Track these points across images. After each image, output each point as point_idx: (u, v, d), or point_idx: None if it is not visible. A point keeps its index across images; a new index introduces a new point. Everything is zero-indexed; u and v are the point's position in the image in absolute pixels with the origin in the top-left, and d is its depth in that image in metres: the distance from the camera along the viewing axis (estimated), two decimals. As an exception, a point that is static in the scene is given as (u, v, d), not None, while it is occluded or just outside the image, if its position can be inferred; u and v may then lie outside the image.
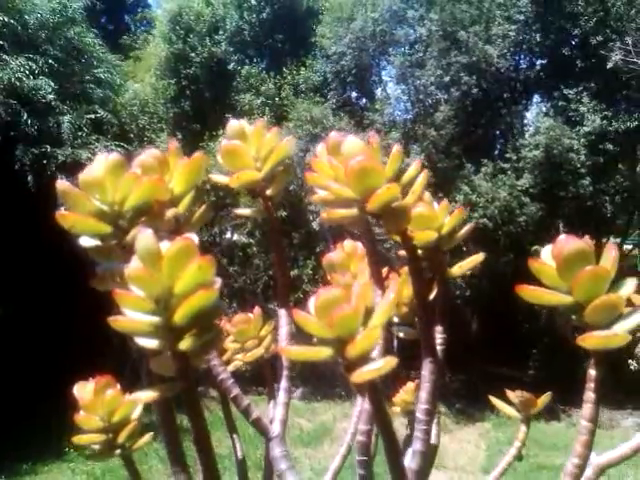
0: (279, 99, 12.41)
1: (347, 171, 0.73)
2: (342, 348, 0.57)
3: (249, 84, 12.74)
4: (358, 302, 0.58)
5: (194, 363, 0.67)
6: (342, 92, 12.52)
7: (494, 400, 1.09)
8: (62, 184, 0.75)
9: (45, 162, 9.09)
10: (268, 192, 1.05)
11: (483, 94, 10.77)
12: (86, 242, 0.78)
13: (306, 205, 9.79)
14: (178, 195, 0.95)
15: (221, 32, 13.33)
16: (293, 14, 13.66)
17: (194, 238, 0.68)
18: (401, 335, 1.14)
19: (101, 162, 0.77)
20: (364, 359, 0.57)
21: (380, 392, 0.61)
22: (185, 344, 0.64)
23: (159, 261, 0.63)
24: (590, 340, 0.60)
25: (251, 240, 11.25)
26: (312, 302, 0.60)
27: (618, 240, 12.27)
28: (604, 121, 9.74)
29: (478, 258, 0.98)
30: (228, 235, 11.96)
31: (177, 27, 12.94)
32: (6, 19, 9.62)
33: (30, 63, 9.60)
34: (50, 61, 10.03)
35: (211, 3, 13.52)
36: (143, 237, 0.64)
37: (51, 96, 9.61)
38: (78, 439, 0.98)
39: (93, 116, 10.49)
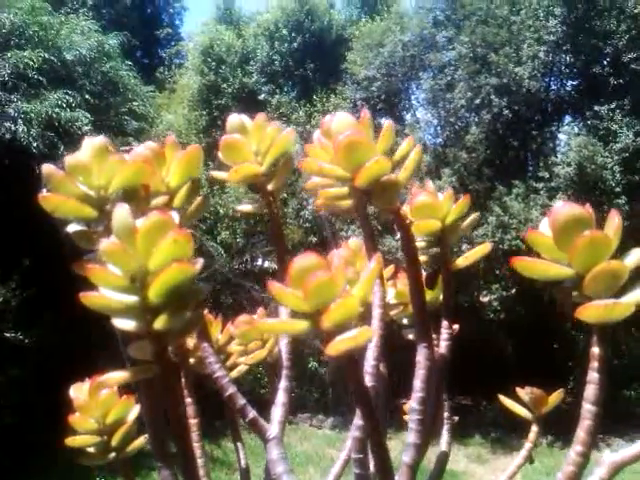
0: (310, 126, 12.50)
1: (336, 147, 0.70)
2: (318, 319, 0.53)
3: (280, 113, 12.88)
4: (337, 271, 0.54)
5: (172, 345, 0.64)
6: (372, 118, 12.55)
7: (504, 400, 1.03)
8: (47, 167, 0.74)
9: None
10: (269, 187, 1.02)
11: (514, 116, 10.67)
12: (72, 229, 0.76)
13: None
14: (174, 188, 0.93)
15: (252, 63, 13.57)
16: (323, 43, 13.84)
17: (173, 214, 0.66)
18: (410, 337, 1.09)
19: (87, 146, 0.76)
20: (341, 330, 0.53)
21: (359, 365, 0.57)
22: (160, 323, 0.61)
23: (134, 236, 0.61)
24: (589, 311, 0.55)
25: (282, 266, 11.24)
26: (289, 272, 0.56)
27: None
28: (638, 137, 9.55)
29: (485, 249, 0.93)
30: (259, 262, 12.00)
31: (209, 59, 13.22)
32: (46, 56, 9.97)
33: (67, 97, 9.90)
34: (86, 95, 10.34)
35: (242, 35, 13.79)
36: (118, 212, 0.62)
37: (87, 127, 9.86)
38: (71, 441, 0.95)
39: (128, 148, 10.73)
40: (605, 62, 10.72)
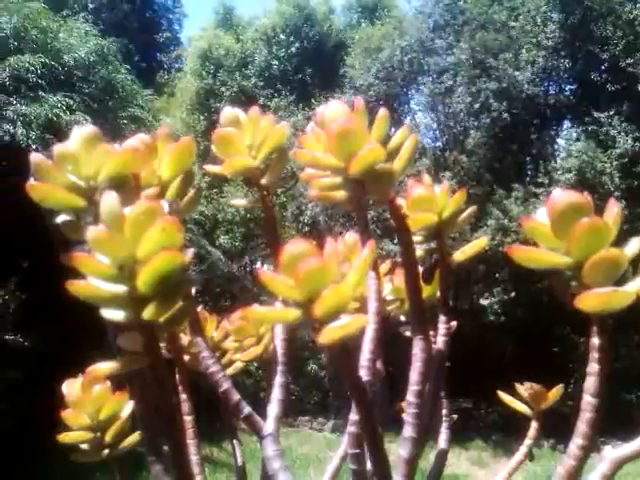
0: (308, 130, 12.52)
1: (329, 136, 0.69)
2: (310, 308, 0.52)
3: (278, 116, 12.86)
4: (329, 257, 0.53)
5: (162, 335, 0.63)
6: (371, 121, 12.56)
7: (503, 396, 1.02)
8: (36, 156, 0.72)
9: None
10: (263, 181, 1.01)
11: (513, 120, 10.67)
12: (61, 219, 0.75)
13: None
14: (166, 180, 0.92)
15: (250, 67, 13.58)
16: (322, 48, 13.86)
17: (163, 203, 0.65)
18: (407, 334, 1.08)
19: (77, 136, 0.74)
20: (333, 319, 0.51)
21: (352, 356, 0.55)
22: (149, 312, 0.59)
23: (123, 224, 0.60)
24: (588, 300, 0.54)
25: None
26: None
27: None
28: (636, 142, 9.56)
29: (481, 243, 0.92)
30: (258, 265, 11.97)
31: (207, 63, 13.24)
32: (45, 59, 9.98)
33: (67, 100, 9.89)
34: (85, 99, 10.34)
35: (240, 39, 13.81)
36: (106, 200, 0.61)
37: (86, 131, 9.83)
38: (64, 437, 0.93)
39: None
40: (603, 68, 10.73)
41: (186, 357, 1.14)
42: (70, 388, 0.96)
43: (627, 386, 9.60)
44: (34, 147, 9.44)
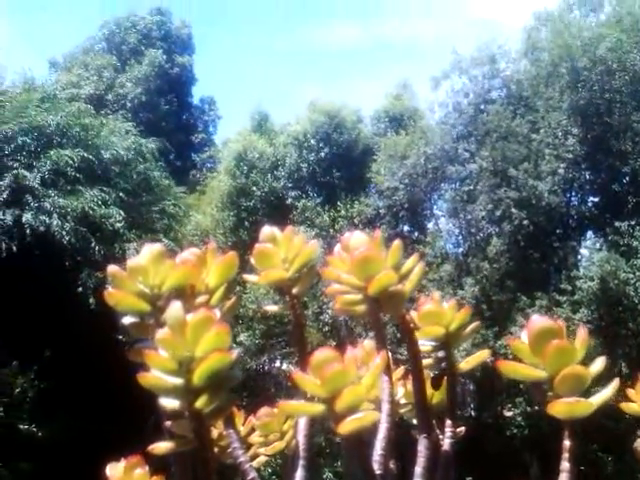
0: (334, 230, 12.85)
1: (352, 261, 0.84)
2: (332, 403, 0.65)
3: (305, 217, 13.31)
4: (349, 363, 0.67)
5: (209, 423, 0.76)
6: (395, 225, 12.89)
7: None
8: (112, 268, 0.89)
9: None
10: (294, 290, 1.16)
11: (535, 229, 10.90)
12: (127, 321, 0.90)
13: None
14: (212, 288, 1.07)
15: (281, 169, 14.19)
16: (350, 153, 14.47)
17: (216, 311, 0.80)
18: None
19: (146, 251, 0.91)
20: (351, 413, 0.64)
21: (366, 447, 0.68)
22: (201, 402, 0.73)
23: (184, 328, 0.74)
24: (557, 407, 0.66)
25: (301, 369, 11.19)
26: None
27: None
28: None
29: (483, 355, 1.04)
30: (277, 364, 11.98)
31: (241, 164, 13.88)
32: (85, 154, 10.58)
33: (102, 194, 10.40)
34: (121, 193, 10.85)
35: (273, 143, 14.52)
36: (173, 308, 0.76)
37: (119, 224, 10.27)
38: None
39: (158, 245, 11.16)
40: (624, 181, 11.04)
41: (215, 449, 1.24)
42: (113, 470, 1.07)
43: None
44: (67, 238, 9.81)
